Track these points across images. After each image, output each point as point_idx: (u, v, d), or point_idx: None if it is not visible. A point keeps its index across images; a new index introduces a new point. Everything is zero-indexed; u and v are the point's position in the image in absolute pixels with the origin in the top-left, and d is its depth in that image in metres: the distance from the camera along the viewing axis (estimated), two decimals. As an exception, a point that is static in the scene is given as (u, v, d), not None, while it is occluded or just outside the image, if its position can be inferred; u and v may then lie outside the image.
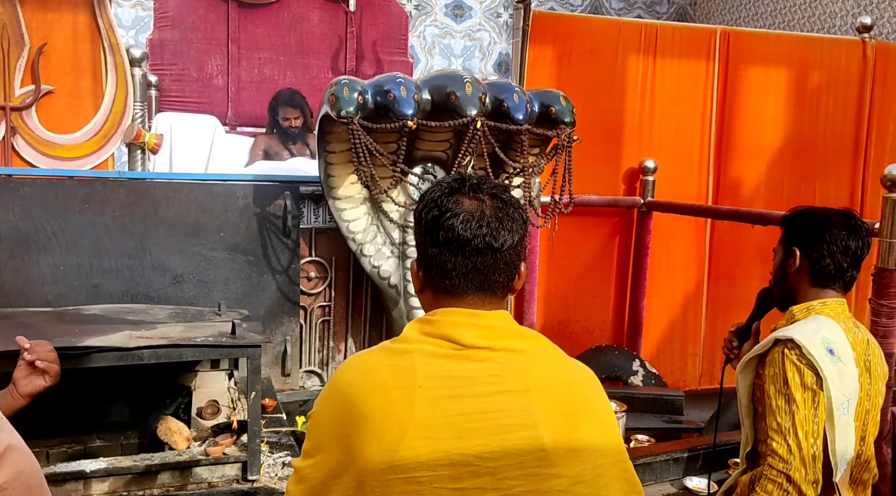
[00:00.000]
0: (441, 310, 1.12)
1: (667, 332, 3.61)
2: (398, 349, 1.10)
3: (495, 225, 1.10)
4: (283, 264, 2.89)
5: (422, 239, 1.14)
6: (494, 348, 1.09)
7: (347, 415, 1.05)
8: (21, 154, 2.72)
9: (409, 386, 1.04)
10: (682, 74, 3.46)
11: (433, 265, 1.12)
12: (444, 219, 1.10)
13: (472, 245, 1.09)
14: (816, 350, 1.63)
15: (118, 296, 2.64)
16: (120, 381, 2.23)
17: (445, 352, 1.08)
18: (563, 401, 1.10)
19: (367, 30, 4.36)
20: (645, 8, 7.20)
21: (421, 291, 1.17)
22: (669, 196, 3.47)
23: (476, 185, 1.14)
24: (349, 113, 2.39)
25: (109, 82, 2.77)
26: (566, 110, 2.62)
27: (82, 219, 2.58)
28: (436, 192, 1.13)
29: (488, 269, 1.11)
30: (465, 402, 1.05)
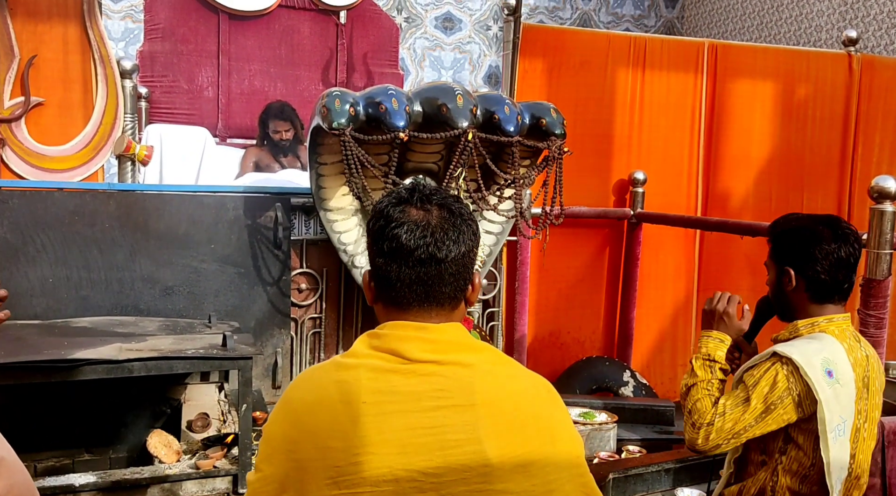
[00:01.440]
0: (390, 324, 1.11)
1: (657, 343, 3.62)
2: (346, 364, 1.09)
3: (440, 235, 1.09)
4: (273, 276, 2.89)
5: (371, 249, 1.13)
6: (441, 362, 1.08)
7: (295, 429, 1.05)
8: (10, 166, 2.70)
9: (354, 401, 1.04)
10: (671, 87, 3.50)
11: (380, 276, 1.12)
12: (390, 228, 1.10)
13: (415, 255, 1.09)
14: (814, 372, 1.64)
15: (107, 308, 2.63)
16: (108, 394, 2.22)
17: (391, 367, 1.07)
18: (512, 415, 1.08)
19: (358, 42, 4.38)
20: (633, 21, 7.29)
21: (373, 303, 1.16)
22: (659, 207, 3.50)
23: (426, 195, 1.13)
24: (341, 125, 2.40)
25: (100, 94, 2.77)
26: (556, 122, 2.64)
27: (72, 231, 2.57)
28: (385, 202, 1.13)
29: (432, 280, 1.10)
30: (409, 417, 1.04)
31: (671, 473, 2.44)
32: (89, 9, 2.74)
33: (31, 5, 2.72)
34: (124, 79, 2.81)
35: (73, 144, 2.77)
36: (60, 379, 1.75)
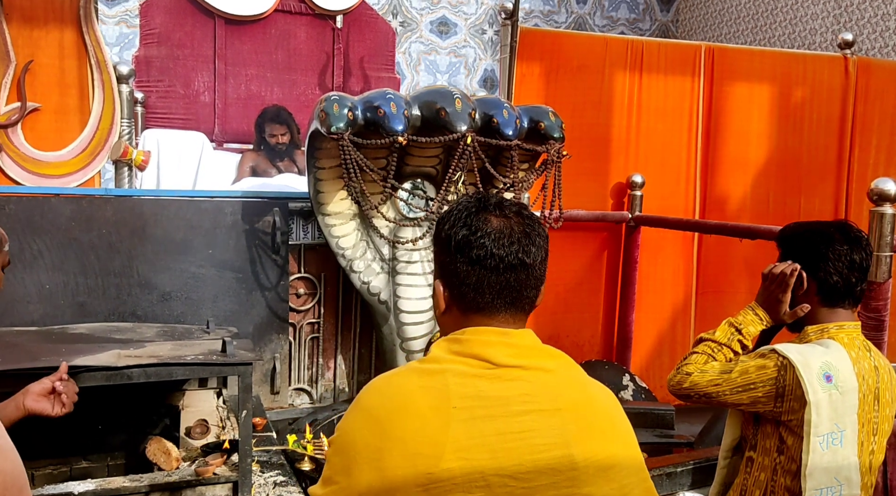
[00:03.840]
0: (470, 330, 1.12)
1: (656, 347, 3.62)
2: (428, 370, 1.09)
3: (525, 241, 1.12)
4: (271, 281, 2.88)
5: (450, 258, 1.13)
6: (525, 367, 1.10)
7: (378, 437, 1.04)
8: (6, 171, 2.69)
9: (444, 406, 1.04)
10: (668, 90, 3.50)
11: (464, 283, 1.12)
12: (476, 237, 1.11)
13: (505, 262, 1.10)
14: (809, 373, 1.63)
15: (105, 314, 2.62)
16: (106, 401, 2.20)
17: (477, 372, 1.08)
18: (592, 419, 1.11)
19: (355, 46, 4.38)
20: (628, 25, 7.31)
21: (446, 311, 1.16)
22: (656, 210, 3.50)
23: (499, 203, 1.16)
24: (339, 129, 2.39)
25: (96, 99, 2.76)
26: (555, 126, 2.64)
27: (68, 236, 2.55)
28: (462, 212, 1.14)
29: (521, 285, 1.12)
30: (499, 422, 1.04)
31: (672, 477, 2.44)
32: (86, 14, 2.73)
33: (26, 10, 2.70)
34: (121, 84, 2.80)
35: (70, 150, 2.75)
36: (59, 386, 1.73)
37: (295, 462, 2.24)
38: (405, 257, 2.92)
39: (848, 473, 1.66)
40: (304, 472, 2.22)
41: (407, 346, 2.93)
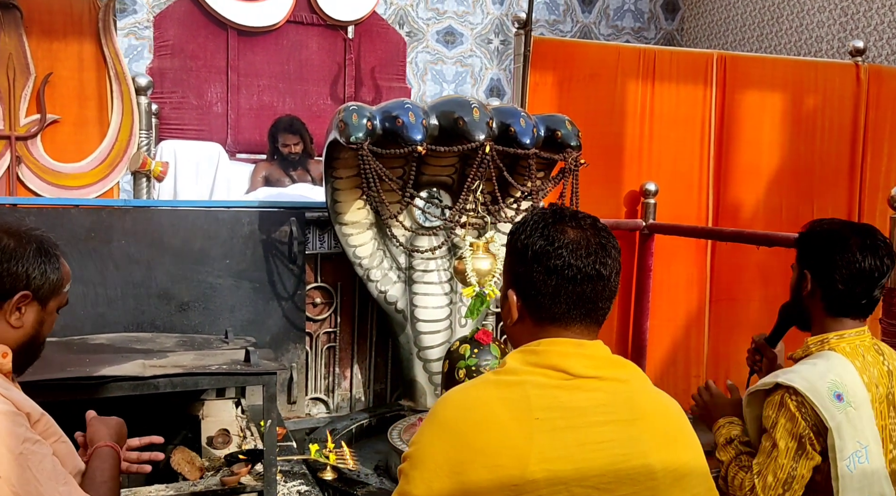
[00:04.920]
0: (545, 341, 1.12)
1: (670, 355, 3.62)
2: (507, 381, 1.09)
3: (601, 253, 1.13)
4: (288, 291, 2.88)
5: (526, 267, 1.13)
6: (602, 378, 1.10)
7: (459, 449, 1.04)
8: (26, 183, 2.70)
9: (526, 418, 1.04)
10: (680, 98, 3.51)
11: (541, 293, 1.12)
12: (554, 247, 1.11)
13: (583, 272, 1.11)
14: (821, 399, 1.56)
15: (124, 324, 2.62)
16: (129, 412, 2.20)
17: (556, 383, 1.08)
18: (666, 428, 1.12)
19: (366, 56, 4.40)
20: (633, 34, 7.34)
21: (518, 320, 1.16)
22: (669, 218, 3.50)
23: (574, 214, 1.16)
24: (358, 139, 2.41)
25: (115, 111, 2.77)
26: (572, 134, 2.66)
27: (88, 247, 2.56)
28: (538, 223, 1.15)
29: (596, 296, 1.13)
30: (579, 433, 1.05)
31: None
32: (104, 26, 2.75)
33: (46, 24, 2.73)
34: (139, 95, 2.82)
35: (89, 161, 2.77)
36: (86, 396, 1.74)
37: (317, 471, 2.24)
38: (422, 266, 2.92)
39: (881, 489, 1.60)
40: (327, 482, 2.21)
41: (424, 355, 2.93)
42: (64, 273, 1.39)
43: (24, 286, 1.31)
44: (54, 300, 1.38)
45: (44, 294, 1.34)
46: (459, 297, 2.96)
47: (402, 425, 2.57)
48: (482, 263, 2.49)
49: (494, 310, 3.30)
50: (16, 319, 1.31)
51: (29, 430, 1.23)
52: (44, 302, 1.35)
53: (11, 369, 1.31)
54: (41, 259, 1.33)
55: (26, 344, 1.34)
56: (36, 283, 1.32)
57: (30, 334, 1.34)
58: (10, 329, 1.31)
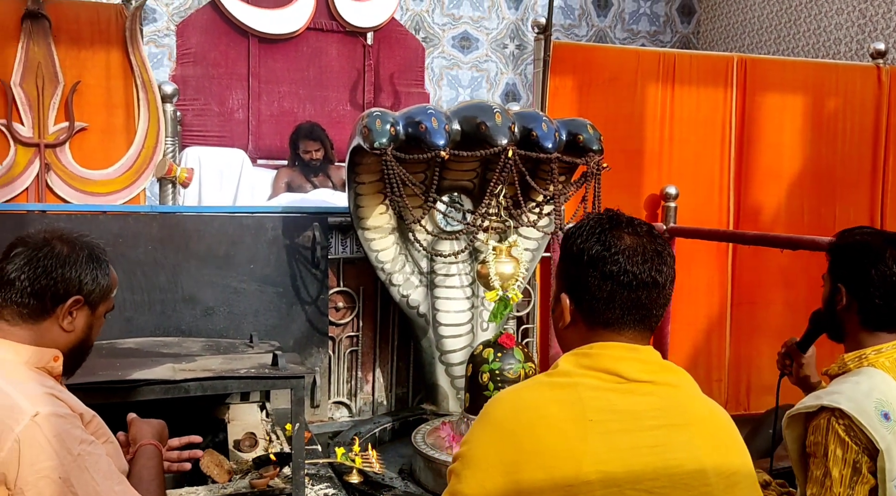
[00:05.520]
0: (598, 344, 1.12)
1: (692, 359, 3.60)
2: (560, 383, 1.10)
3: (657, 260, 1.13)
4: (311, 295, 2.90)
5: (581, 272, 1.14)
6: (655, 382, 1.11)
7: (513, 450, 1.04)
8: (55, 190, 2.74)
9: (580, 419, 1.04)
10: (700, 101, 3.50)
11: (595, 298, 1.13)
12: (611, 253, 1.12)
13: (638, 279, 1.11)
14: (870, 419, 1.49)
15: (150, 329, 2.65)
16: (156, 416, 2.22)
17: (610, 386, 1.08)
18: (718, 433, 1.12)
19: (385, 62, 4.42)
20: (649, 37, 7.32)
21: (570, 324, 1.17)
22: (690, 222, 3.49)
23: (630, 221, 1.17)
24: (382, 144, 2.42)
25: (142, 118, 2.80)
26: (594, 138, 2.66)
27: (115, 253, 2.59)
28: (594, 228, 1.15)
29: (651, 303, 1.13)
30: (633, 436, 1.05)
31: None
32: (131, 35, 2.78)
33: (73, 32, 2.76)
34: (165, 103, 2.85)
35: (116, 168, 2.80)
36: (119, 400, 1.76)
37: (343, 475, 2.25)
38: (443, 270, 2.93)
39: None
40: (353, 485, 2.22)
41: (446, 359, 2.94)
42: (112, 278, 1.42)
43: (76, 291, 1.33)
44: (103, 305, 1.40)
45: (94, 299, 1.36)
46: (481, 301, 2.96)
47: (426, 429, 2.57)
48: (505, 267, 2.49)
49: (516, 314, 3.30)
50: (68, 323, 1.33)
51: (84, 432, 1.25)
52: (94, 306, 1.38)
53: (61, 372, 1.34)
54: (93, 265, 1.35)
55: (76, 347, 1.37)
56: (88, 289, 1.34)
57: (80, 338, 1.37)
58: (62, 333, 1.33)
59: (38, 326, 1.31)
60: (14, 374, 1.26)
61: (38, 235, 1.35)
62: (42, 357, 1.31)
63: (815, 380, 1.86)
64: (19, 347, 1.29)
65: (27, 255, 1.31)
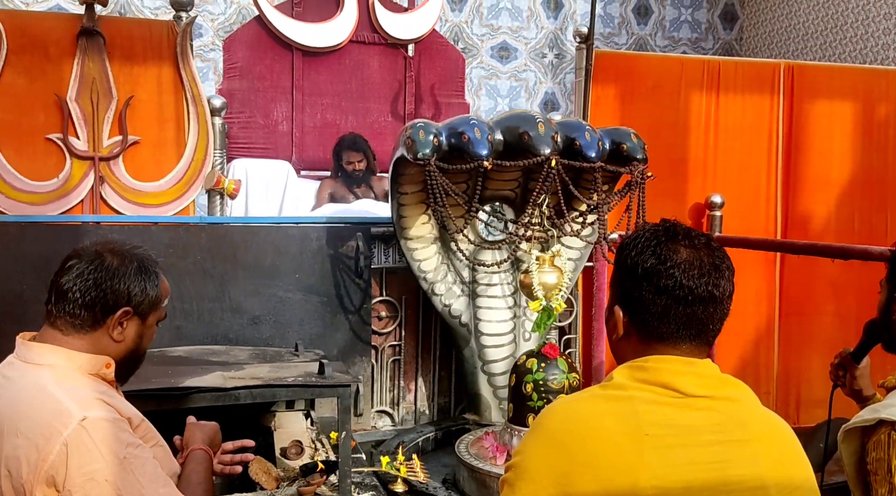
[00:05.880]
0: (654, 358, 1.11)
1: (738, 371, 3.52)
2: (615, 396, 1.09)
3: (715, 274, 1.11)
4: (355, 304, 2.93)
5: (635, 285, 1.13)
6: (714, 397, 1.08)
7: (567, 462, 1.03)
8: (108, 202, 2.82)
9: (636, 433, 1.03)
10: (746, 109, 3.46)
11: (649, 312, 1.12)
12: (665, 267, 1.10)
13: (694, 293, 1.09)
14: None
15: (199, 337, 2.70)
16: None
17: (666, 400, 1.07)
18: (782, 449, 1.10)
19: (426, 73, 4.46)
20: (690, 45, 7.24)
21: (624, 337, 1.16)
22: (736, 231, 3.43)
23: (687, 233, 1.15)
24: (425, 155, 2.44)
25: (191, 131, 2.87)
26: (638, 147, 2.63)
27: (166, 263, 2.61)
28: (650, 240, 1.14)
29: (708, 318, 1.11)
30: (691, 452, 1.04)
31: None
32: (182, 51, 2.86)
33: (127, 49, 2.85)
34: (214, 116, 2.92)
35: (167, 180, 2.88)
36: (172, 407, 1.80)
37: (387, 483, 2.26)
38: (485, 280, 2.93)
39: None
40: (398, 494, 2.23)
41: (488, 369, 2.93)
42: (162, 289, 1.45)
43: (125, 303, 1.36)
44: (153, 315, 1.44)
45: (143, 309, 1.40)
46: (523, 311, 2.95)
47: (470, 439, 2.57)
48: (549, 277, 2.48)
49: (558, 324, 3.28)
50: (118, 334, 1.37)
51: (131, 435, 1.28)
52: (144, 317, 1.41)
53: (114, 379, 1.38)
54: (142, 276, 1.39)
55: (128, 356, 1.41)
56: (136, 300, 1.38)
57: (131, 347, 1.41)
58: (112, 343, 1.37)
59: (90, 336, 1.35)
60: (67, 380, 1.30)
61: (92, 248, 1.39)
62: (95, 364, 1.35)
63: (870, 393, 1.82)
64: (73, 354, 1.33)
65: (79, 268, 1.35)
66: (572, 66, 6.72)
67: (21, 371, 1.32)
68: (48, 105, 2.78)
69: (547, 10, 6.79)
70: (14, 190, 2.75)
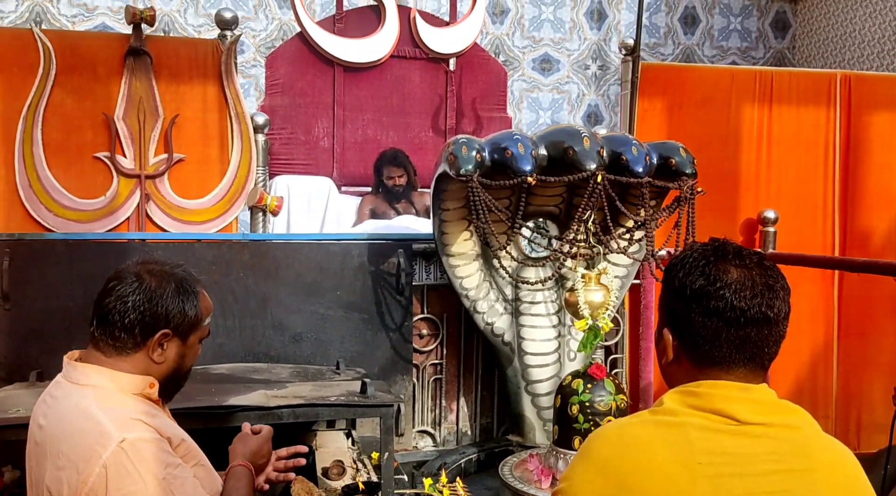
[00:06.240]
0: (706, 383, 1.09)
1: (795, 393, 3.43)
2: (666, 421, 1.07)
3: (768, 294, 1.09)
4: (396, 322, 2.94)
5: (684, 307, 1.12)
6: (770, 424, 1.06)
7: (617, 489, 1.03)
8: (154, 219, 2.90)
9: (688, 461, 1.02)
10: (801, 121, 3.40)
11: (699, 335, 1.10)
12: (715, 288, 1.08)
13: (747, 316, 1.07)
14: None
15: (241, 355, 2.74)
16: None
17: (720, 427, 1.05)
18: (845, 480, 1.07)
19: (467, 87, 4.48)
20: (740, 54, 7.13)
21: (674, 361, 1.15)
22: (791, 247, 3.36)
23: (738, 251, 1.13)
24: (468, 171, 2.45)
25: (235, 149, 2.94)
26: (687, 162, 2.61)
27: (210, 280, 2.70)
28: (698, 260, 1.12)
29: (762, 341, 1.09)
30: (747, 481, 1.02)
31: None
32: (226, 69, 2.93)
33: (173, 68, 2.94)
34: (257, 133, 2.98)
35: (211, 197, 2.95)
36: (216, 425, 1.83)
37: (430, 506, 2.26)
38: (529, 298, 2.92)
39: None
40: (440, 517, 2.22)
41: (532, 389, 2.91)
42: (203, 308, 1.47)
43: (164, 324, 1.39)
44: (194, 334, 1.46)
45: (183, 330, 1.42)
46: (568, 330, 2.93)
47: (514, 461, 2.55)
48: (595, 295, 2.46)
49: (604, 344, 3.25)
50: (158, 355, 1.40)
51: (171, 455, 1.31)
52: (184, 337, 1.44)
53: (159, 398, 1.41)
54: (180, 297, 1.41)
55: (170, 376, 1.44)
56: (175, 321, 1.40)
57: (172, 368, 1.44)
58: (153, 364, 1.40)
59: (132, 358, 1.38)
60: (108, 401, 1.33)
61: (132, 269, 1.42)
62: (138, 384, 1.38)
63: None
64: (116, 374, 1.36)
65: (119, 291, 1.38)
66: (616, 77, 6.70)
67: (66, 391, 1.36)
68: (96, 124, 2.88)
69: (590, 21, 6.78)
70: (62, 207, 2.85)
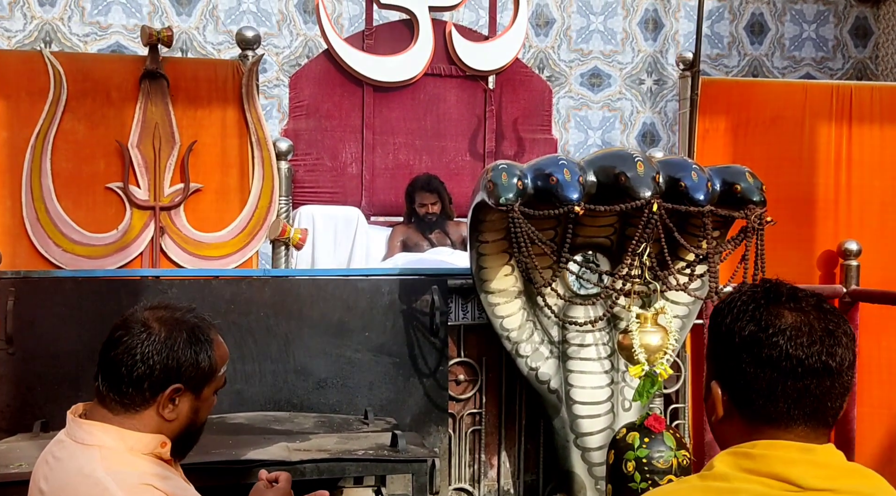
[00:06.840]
0: (763, 443, 1.08)
1: (886, 449, 3.34)
2: (717, 488, 1.06)
3: (829, 340, 1.07)
4: (430, 366, 2.95)
5: (732, 357, 1.11)
6: (838, 491, 1.05)
7: None
8: (168, 254, 2.98)
9: None
10: (886, 141, 3.36)
11: (751, 388, 1.09)
12: (767, 334, 1.07)
13: (805, 365, 1.06)
14: None
15: (261, 402, 2.78)
16: None
17: (779, 494, 1.04)
18: None
19: (508, 107, 4.52)
20: (814, 65, 7.08)
21: (725, 418, 1.13)
22: (878, 283, 3.30)
23: (792, 293, 1.12)
24: (508, 200, 2.47)
25: (256, 177, 3.02)
26: (754, 188, 2.59)
27: (227, 320, 2.75)
28: (747, 303, 1.12)
29: (824, 394, 1.07)
30: None
31: None
32: (247, 91, 3.02)
33: (191, 91, 3.04)
34: (279, 160, 3.05)
35: (230, 230, 3.02)
36: (232, 481, 1.86)
37: (467, 575, 2.24)
38: (577, 339, 2.91)
39: None
40: None
41: (582, 443, 2.89)
42: (218, 357, 1.46)
43: (175, 378, 1.39)
44: (209, 386, 1.46)
45: (196, 383, 1.42)
46: (622, 376, 2.91)
47: (562, 525, 2.52)
48: (651, 338, 2.45)
49: (664, 392, 3.21)
50: (169, 412, 1.39)
51: None
52: (197, 390, 1.43)
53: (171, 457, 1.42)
54: (192, 348, 1.41)
55: (183, 433, 1.43)
56: (188, 374, 1.40)
57: (185, 424, 1.43)
58: (164, 421, 1.39)
59: (141, 415, 1.38)
60: (117, 463, 1.33)
61: (139, 316, 1.42)
62: (148, 443, 1.37)
63: None
64: (124, 433, 1.36)
65: (125, 342, 1.38)
66: (674, 92, 6.69)
67: (70, 451, 1.37)
68: (109, 152, 2.99)
69: (644, 31, 6.80)
70: (71, 242, 2.94)
